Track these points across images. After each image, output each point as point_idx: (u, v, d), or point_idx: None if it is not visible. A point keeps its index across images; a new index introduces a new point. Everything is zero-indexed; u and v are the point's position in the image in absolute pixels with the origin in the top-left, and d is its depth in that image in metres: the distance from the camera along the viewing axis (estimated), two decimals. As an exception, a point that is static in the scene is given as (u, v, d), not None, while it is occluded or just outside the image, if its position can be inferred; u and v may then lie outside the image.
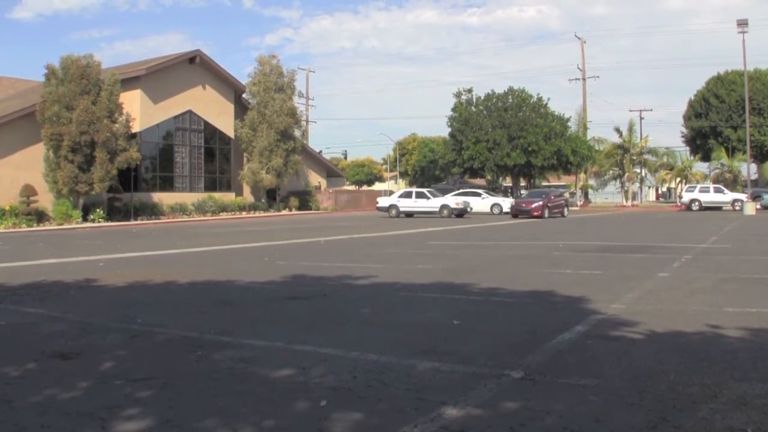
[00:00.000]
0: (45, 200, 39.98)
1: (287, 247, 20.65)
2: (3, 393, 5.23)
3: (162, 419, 4.61)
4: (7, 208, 37.42)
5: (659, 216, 45.70)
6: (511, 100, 66.73)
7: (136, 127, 44.42)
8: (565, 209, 46.47)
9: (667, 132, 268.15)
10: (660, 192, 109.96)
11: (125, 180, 43.97)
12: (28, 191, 39.29)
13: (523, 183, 73.91)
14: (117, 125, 41.21)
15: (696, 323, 7.66)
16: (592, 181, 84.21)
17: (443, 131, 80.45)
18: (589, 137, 73.63)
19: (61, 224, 37.75)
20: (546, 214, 42.32)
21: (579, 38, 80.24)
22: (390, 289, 10.97)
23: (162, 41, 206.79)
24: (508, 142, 63.76)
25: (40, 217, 38.90)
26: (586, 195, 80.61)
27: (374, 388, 5.29)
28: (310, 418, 4.62)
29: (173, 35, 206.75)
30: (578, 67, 77.93)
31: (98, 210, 40.39)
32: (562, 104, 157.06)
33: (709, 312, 8.43)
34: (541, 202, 42.98)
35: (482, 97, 68.73)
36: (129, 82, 44.88)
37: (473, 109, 67.82)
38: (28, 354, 6.59)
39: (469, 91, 69.41)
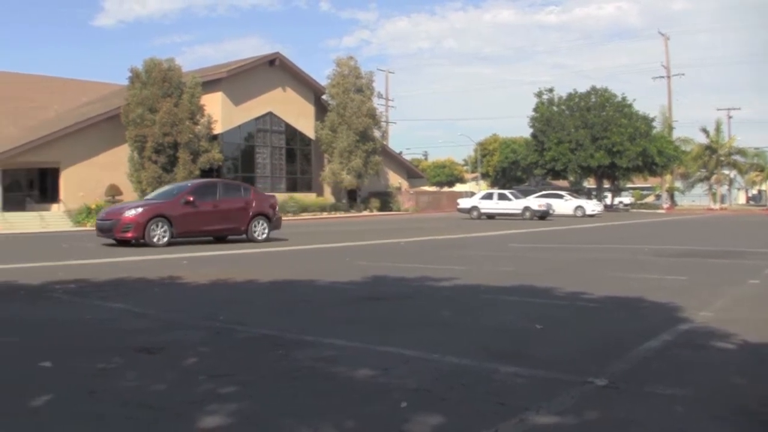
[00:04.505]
0: (129, 199, 40.77)
1: (368, 247, 20.69)
2: (88, 385, 5.34)
3: (243, 416, 4.63)
4: (93, 207, 38.28)
5: (749, 220, 44.64)
6: (594, 100, 65.82)
7: (217, 129, 45.21)
8: (262, 224, 23.45)
9: (757, 132, 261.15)
10: (750, 195, 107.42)
11: (207, 180, 44.56)
12: (113, 191, 40.25)
13: (606, 185, 72.94)
14: (199, 127, 42.03)
15: (790, 333, 7.41)
16: (678, 183, 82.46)
17: (524, 131, 79.76)
18: (674, 137, 72.24)
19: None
20: (158, 236, 20.89)
21: (662, 35, 78.25)
22: (471, 291, 10.88)
23: (241, 45, 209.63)
24: (591, 143, 62.89)
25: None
26: (672, 197, 79.01)
27: (455, 390, 5.23)
28: (390, 419, 4.59)
29: (252, 39, 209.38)
30: (662, 65, 76.38)
31: (181, 209, 40.98)
32: (645, 103, 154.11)
33: (804, 321, 8.14)
34: (136, 212, 21.17)
35: (564, 97, 67.96)
36: (210, 85, 45.69)
37: (555, 109, 67.12)
38: (113, 348, 6.72)
39: (551, 90, 68.78)
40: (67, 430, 4.39)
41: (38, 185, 46.41)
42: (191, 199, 22.11)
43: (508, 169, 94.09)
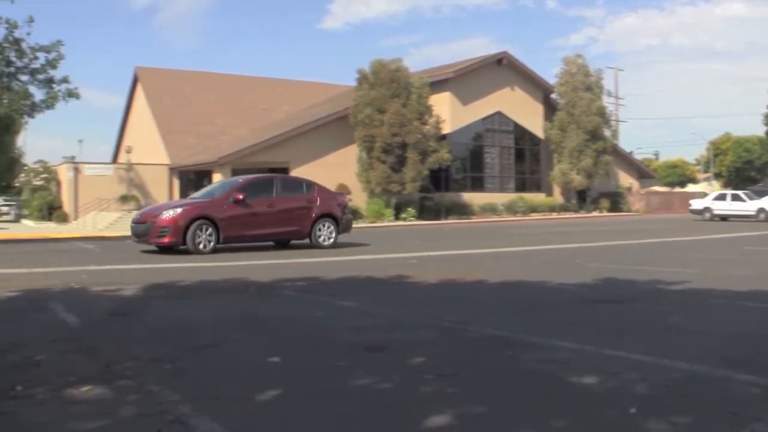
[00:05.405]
0: (358, 199, 42.09)
1: (598, 249, 20.34)
2: (315, 382, 5.52)
3: (470, 416, 4.67)
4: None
5: None
6: (830, 95, 61.95)
7: (446, 129, 45.59)
8: (328, 227, 20.78)
9: None
10: None
11: (436, 180, 45.26)
12: (342, 190, 41.51)
13: None
14: (427, 127, 42.60)
15: None
16: None
17: (758, 129, 76.05)
18: None
19: (374, 222, 39.55)
20: (203, 242, 18.52)
21: None
22: (704, 295, 10.48)
23: (467, 44, 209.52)
24: (829, 141, 59.25)
25: (354, 214, 40.87)
26: None
27: (685, 398, 5.07)
28: (618, 425, 4.52)
29: (477, 38, 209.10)
30: None
31: (409, 209, 41.84)
32: None
33: None
34: (175, 213, 18.75)
35: (801, 92, 64.31)
36: (438, 85, 46.20)
37: (788, 106, 63.65)
38: (341, 345, 6.95)
39: (785, 86, 65.25)
40: (292, 427, 4.52)
41: (269, 184, 48.35)
42: (241, 197, 19.38)
43: (741, 168, 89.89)
